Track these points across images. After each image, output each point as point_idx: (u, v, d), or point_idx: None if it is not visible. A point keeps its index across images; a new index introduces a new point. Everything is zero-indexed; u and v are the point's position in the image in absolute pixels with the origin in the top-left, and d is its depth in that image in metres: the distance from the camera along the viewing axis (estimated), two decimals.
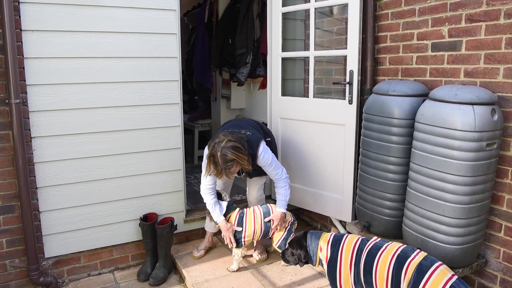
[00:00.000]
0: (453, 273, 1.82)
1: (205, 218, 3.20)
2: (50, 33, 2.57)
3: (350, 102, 2.87)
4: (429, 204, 2.23)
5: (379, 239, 2.12)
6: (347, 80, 2.86)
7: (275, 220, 2.77)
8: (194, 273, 2.87)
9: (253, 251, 3.05)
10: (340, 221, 3.27)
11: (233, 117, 4.91)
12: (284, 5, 3.26)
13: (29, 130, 2.60)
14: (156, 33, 2.88)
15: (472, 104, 2.06)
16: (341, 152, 2.98)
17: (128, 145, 2.92)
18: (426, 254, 1.92)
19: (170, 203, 3.15)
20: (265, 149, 2.68)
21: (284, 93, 3.42)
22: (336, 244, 2.16)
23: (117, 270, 3.08)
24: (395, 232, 2.58)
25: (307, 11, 3.26)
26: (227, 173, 2.50)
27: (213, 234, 3.18)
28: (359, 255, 2.05)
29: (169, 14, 2.90)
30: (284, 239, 2.77)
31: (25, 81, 2.54)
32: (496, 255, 2.33)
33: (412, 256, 1.90)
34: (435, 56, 2.52)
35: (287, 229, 2.81)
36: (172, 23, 2.92)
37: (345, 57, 2.92)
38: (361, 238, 2.14)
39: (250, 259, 3.04)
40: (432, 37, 2.52)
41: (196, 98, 6.10)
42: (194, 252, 3.10)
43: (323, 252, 2.19)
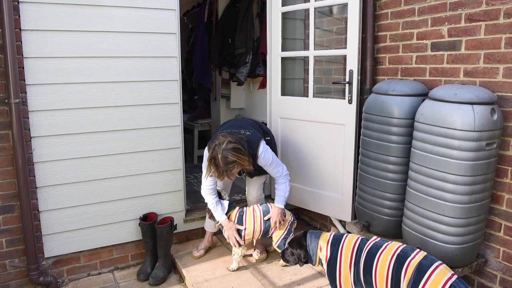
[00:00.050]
0: (453, 273, 1.82)
1: (205, 217, 3.20)
2: (50, 33, 2.57)
3: (350, 101, 2.87)
4: (429, 204, 2.23)
5: (379, 238, 2.12)
6: (347, 79, 2.86)
7: (273, 216, 2.77)
8: (194, 272, 2.87)
9: (253, 250, 3.05)
10: (340, 221, 3.27)
11: (233, 117, 4.91)
12: (283, 4, 3.26)
13: (29, 129, 2.60)
14: (155, 33, 2.88)
15: (471, 103, 2.07)
16: (340, 151, 2.98)
17: (128, 145, 2.92)
18: (426, 253, 1.92)
19: (170, 202, 3.15)
20: (265, 148, 2.68)
21: (283, 92, 3.42)
22: (335, 244, 2.16)
23: (117, 269, 3.08)
24: (394, 231, 2.58)
25: (306, 10, 3.26)
26: (229, 174, 2.50)
27: (212, 234, 3.18)
28: (359, 254, 2.05)
29: (168, 14, 2.90)
30: (283, 239, 2.77)
31: (24, 80, 2.54)
32: (496, 255, 2.33)
33: (412, 255, 1.90)
34: (434, 56, 2.52)
35: (287, 229, 2.81)
36: (172, 22, 2.92)
37: (344, 57, 2.92)
38: (360, 238, 2.14)
39: (250, 259, 3.04)
40: (431, 37, 2.52)
41: (195, 97, 6.10)
42: (194, 251, 3.11)
43: (323, 251, 2.19)
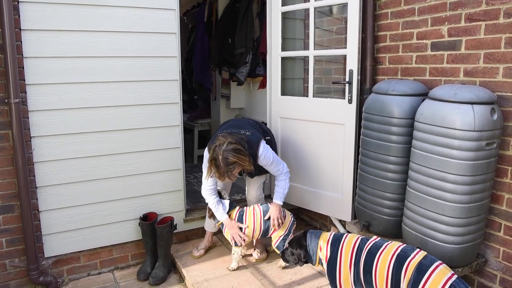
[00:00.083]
0: (453, 272, 1.82)
1: (204, 217, 3.20)
2: (50, 33, 2.57)
3: (350, 101, 2.87)
4: (429, 204, 2.23)
5: (379, 238, 2.12)
6: (347, 79, 2.86)
7: (272, 213, 2.77)
8: (194, 272, 2.87)
9: (253, 250, 3.05)
10: (340, 221, 3.27)
11: (233, 117, 4.91)
12: (283, 4, 3.26)
13: (29, 129, 2.60)
14: (155, 33, 2.87)
15: (471, 103, 2.07)
16: (340, 151, 2.98)
17: (128, 145, 2.92)
18: (426, 253, 1.92)
19: (170, 202, 3.15)
20: (265, 148, 2.68)
21: (283, 92, 3.42)
22: (335, 244, 2.16)
23: (117, 269, 3.08)
24: (394, 231, 2.58)
25: (306, 10, 3.26)
26: (229, 175, 2.50)
27: (212, 234, 3.18)
28: (359, 254, 2.05)
29: (168, 14, 2.90)
30: (283, 240, 2.77)
31: (24, 80, 2.54)
32: (496, 255, 2.33)
33: (412, 255, 1.90)
34: (434, 56, 2.52)
35: (287, 230, 2.81)
36: (172, 22, 2.92)
37: (344, 57, 2.92)
38: (360, 238, 2.14)
39: (250, 259, 3.04)
40: (431, 37, 2.52)
41: (195, 97, 6.10)
42: (193, 251, 3.10)
43: (323, 251, 2.19)
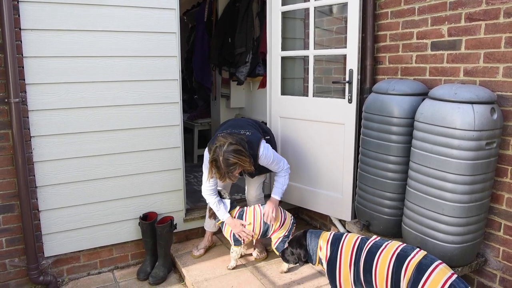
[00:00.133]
0: (452, 272, 1.82)
1: (204, 217, 3.20)
2: (49, 32, 2.57)
3: (350, 101, 2.87)
4: (429, 203, 2.23)
5: (379, 238, 2.12)
6: (347, 79, 2.86)
7: (266, 207, 2.78)
8: (194, 272, 2.87)
9: (253, 249, 3.05)
10: (340, 220, 3.27)
11: (233, 116, 4.92)
12: (283, 4, 3.25)
13: (29, 129, 2.60)
14: (155, 32, 2.87)
15: (471, 103, 2.06)
16: (340, 151, 2.98)
17: (128, 144, 2.92)
18: (425, 253, 1.92)
19: (170, 202, 3.15)
20: (265, 148, 2.68)
21: (283, 92, 3.42)
22: (335, 243, 2.16)
23: (117, 269, 3.08)
24: (394, 231, 2.58)
25: (306, 10, 3.25)
26: (230, 176, 2.50)
27: (212, 233, 3.18)
28: (359, 254, 2.05)
29: (168, 13, 2.89)
30: (282, 241, 2.77)
31: (24, 80, 2.54)
32: (496, 254, 2.33)
33: (412, 254, 1.90)
34: (434, 55, 2.52)
35: (287, 231, 2.81)
36: (172, 22, 2.92)
37: (344, 56, 2.92)
38: (360, 237, 2.14)
39: (250, 258, 3.04)
40: (431, 36, 2.52)
41: (195, 97, 6.10)
42: (193, 251, 3.11)
43: (323, 251, 2.19)
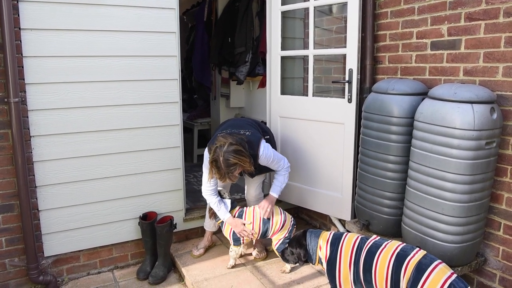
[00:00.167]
0: (452, 271, 1.82)
1: (204, 217, 3.20)
2: (49, 32, 2.57)
3: (350, 100, 2.87)
4: (428, 203, 2.23)
5: (379, 237, 2.12)
6: (347, 78, 2.86)
7: (262, 203, 2.79)
8: (194, 271, 2.88)
9: (253, 249, 3.06)
10: (340, 220, 3.27)
11: (233, 116, 4.92)
12: (283, 3, 3.25)
13: (28, 129, 2.60)
14: (155, 32, 2.87)
15: (471, 102, 2.06)
16: (340, 150, 2.98)
17: (127, 144, 2.92)
18: (425, 252, 1.92)
19: (170, 201, 3.15)
20: (265, 147, 2.68)
21: (283, 91, 3.42)
22: (335, 243, 2.16)
23: (117, 269, 3.08)
24: (394, 230, 2.58)
25: (306, 9, 3.25)
26: (230, 176, 2.50)
27: (212, 233, 3.18)
28: (359, 253, 2.06)
29: (168, 13, 2.89)
30: (282, 243, 2.77)
31: (24, 79, 2.54)
32: (495, 254, 2.33)
33: (412, 254, 1.90)
34: (434, 55, 2.52)
35: (288, 232, 2.81)
36: (171, 21, 2.92)
37: (344, 56, 2.92)
38: (360, 237, 2.15)
39: (250, 258, 3.04)
40: (431, 36, 2.52)
41: (195, 96, 6.10)
42: (193, 250, 3.11)
43: (323, 250, 2.20)
